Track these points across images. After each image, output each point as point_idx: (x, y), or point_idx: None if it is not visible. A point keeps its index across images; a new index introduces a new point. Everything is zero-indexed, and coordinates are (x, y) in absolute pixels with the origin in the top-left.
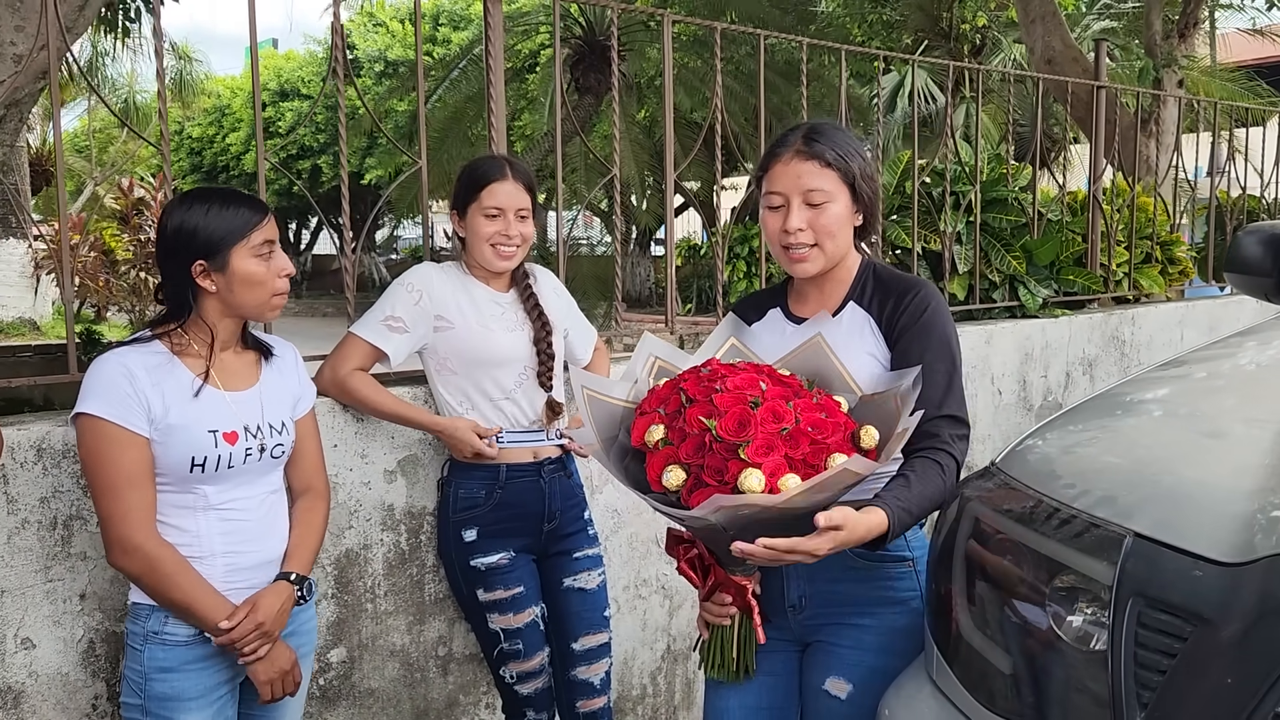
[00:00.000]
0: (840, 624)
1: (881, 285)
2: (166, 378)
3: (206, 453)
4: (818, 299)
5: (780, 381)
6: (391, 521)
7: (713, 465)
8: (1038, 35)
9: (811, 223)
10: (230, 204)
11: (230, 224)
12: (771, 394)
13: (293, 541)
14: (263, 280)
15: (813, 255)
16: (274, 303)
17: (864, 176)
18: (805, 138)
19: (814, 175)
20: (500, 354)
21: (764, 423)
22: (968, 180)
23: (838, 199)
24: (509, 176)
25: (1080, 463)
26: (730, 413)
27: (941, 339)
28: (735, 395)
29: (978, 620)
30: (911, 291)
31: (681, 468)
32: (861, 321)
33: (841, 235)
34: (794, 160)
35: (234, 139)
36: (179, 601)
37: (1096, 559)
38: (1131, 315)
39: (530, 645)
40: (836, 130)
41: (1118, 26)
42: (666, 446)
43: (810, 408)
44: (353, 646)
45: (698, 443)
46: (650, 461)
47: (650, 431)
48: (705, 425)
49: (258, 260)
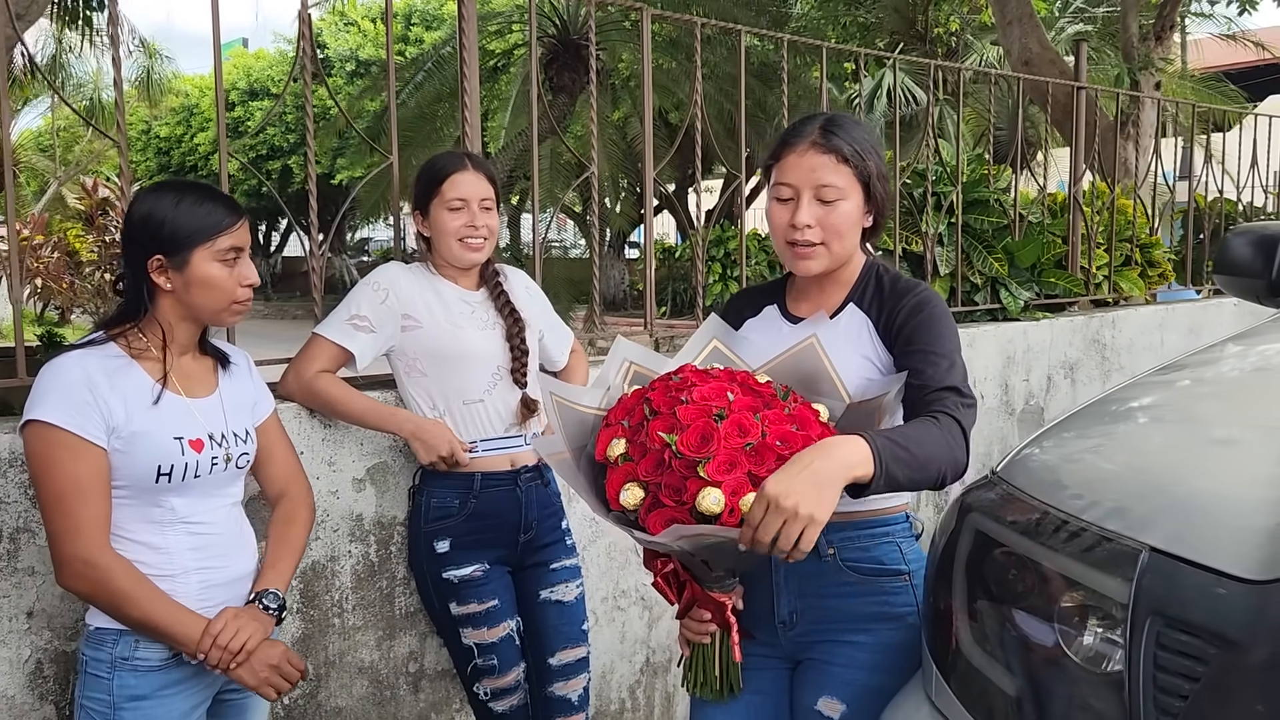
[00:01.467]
0: (833, 641)
1: (883, 288)
2: (126, 382)
3: (174, 461)
4: (817, 298)
5: (752, 390)
6: (360, 532)
7: (670, 484)
8: (1014, 37)
9: (821, 220)
10: (203, 201)
11: (198, 222)
12: (739, 405)
13: (271, 554)
14: (222, 286)
15: (818, 254)
16: (234, 309)
17: (880, 176)
18: (823, 129)
19: (829, 170)
20: (471, 352)
21: (728, 437)
22: (949, 181)
23: (851, 197)
24: (469, 167)
25: (1086, 472)
26: (693, 426)
27: (944, 334)
28: (700, 407)
29: (979, 637)
30: (913, 292)
31: (640, 485)
32: (860, 324)
33: (850, 236)
34: (809, 152)
35: (202, 139)
36: (139, 620)
37: (1110, 575)
38: (1112, 318)
39: (505, 661)
40: (856, 124)
41: (1091, 30)
42: (626, 462)
43: (780, 419)
44: (319, 664)
45: (657, 459)
46: (610, 478)
47: (612, 445)
48: (665, 440)
49: (221, 265)
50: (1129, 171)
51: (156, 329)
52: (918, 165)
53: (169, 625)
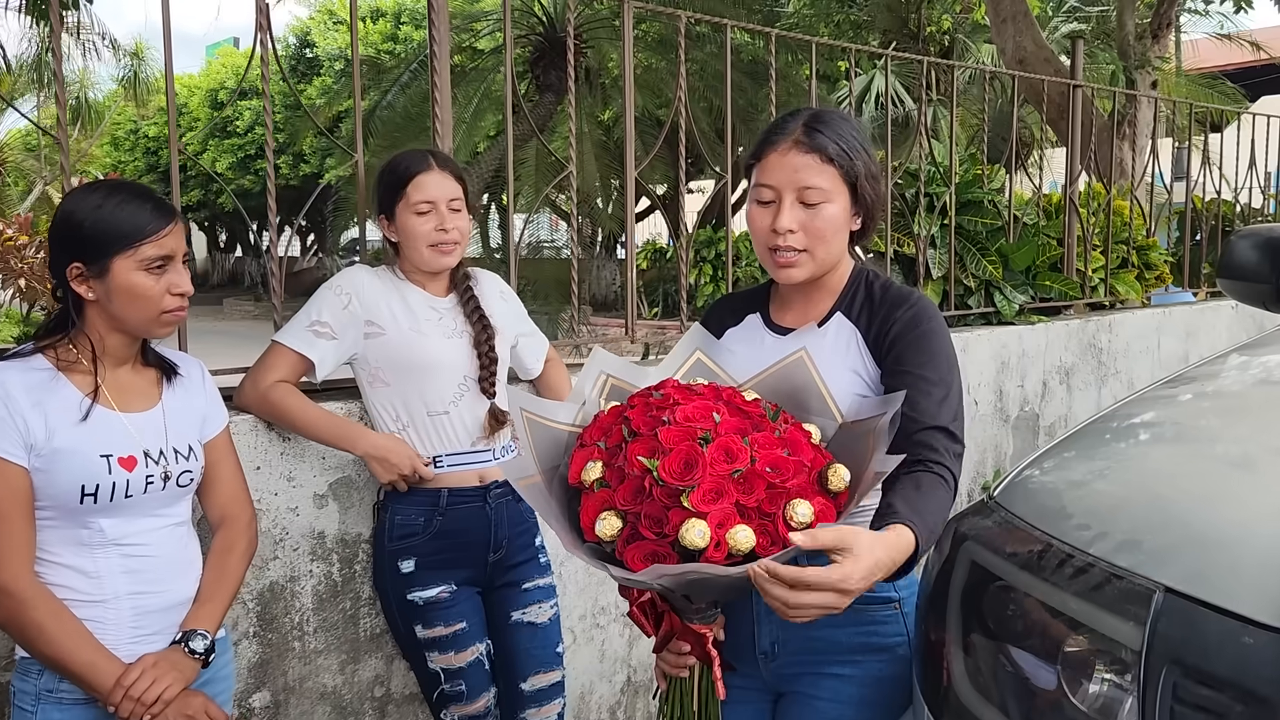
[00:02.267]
0: (817, 673)
1: (873, 297)
2: (49, 397)
3: (99, 480)
4: (802, 307)
5: (739, 410)
6: (322, 550)
7: (651, 514)
8: (1009, 36)
9: (804, 224)
10: (127, 204)
11: (119, 228)
12: (726, 427)
13: (203, 589)
14: (147, 295)
15: (801, 261)
16: (163, 319)
17: (868, 177)
18: (806, 126)
19: (812, 171)
20: (436, 362)
21: (714, 463)
22: (942, 182)
23: (836, 200)
24: (434, 166)
25: (1093, 498)
26: (676, 451)
27: (939, 353)
28: (683, 429)
29: (973, 675)
30: (906, 304)
31: (617, 515)
32: (848, 335)
33: (836, 241)
34: (791, 151)
35: (190, 138)
36: (51, 658)
37: (1120, 618)
38: (1109, 322)
39: (474, 686)
40: (842, 121)
41: (1086, 30)
42: (602, 488)
43: (770, 443)
44: (278, 690)
45: (636, 486)
46: (585, 504)
47: (587, 469)
48: (646, 466)
49: (145, 274)
50: (1125, 172)
51: (86, 340)
52: (909, 165)
53: (81, 669)
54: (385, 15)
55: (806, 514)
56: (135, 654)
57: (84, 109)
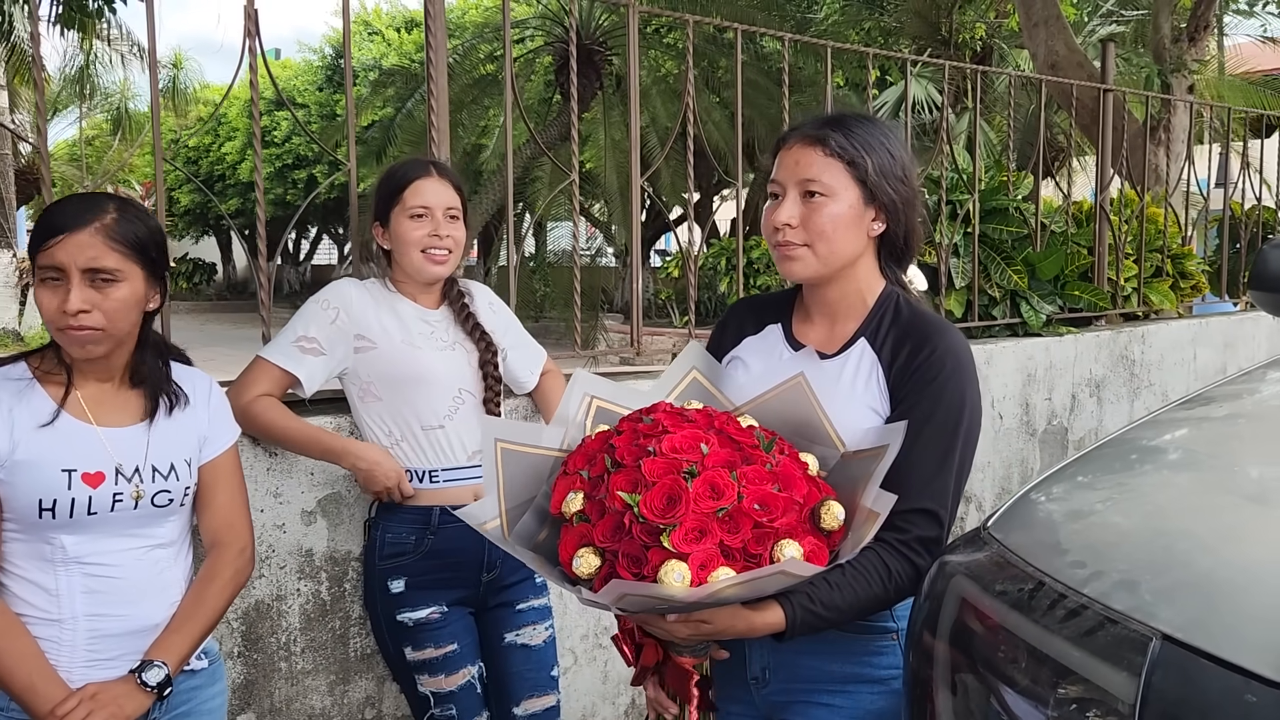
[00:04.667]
0: (808, 702)
1: (900, 325)
2: (19, 405)
3: (57, 495)
4: (825, 324)
5: (730, 440)
6: (310, 569)
7: (630, 553)
8: (1040, 40)
9: (804, 219)
10: (52, 210)
11: (37, 235)
12: (713, 459)
13: (175, 618)
14: (42, 309)
15: (801, 256)
16: (61, 338)
17: (883, 174)
18: (819, 123)
19: (814, 164)
20: (429, 375)
21: (698, 499)
22: (965, 189)
23: (839, 196)
24: (433, 174)
25: (1091, 532)
26: (659, 485)
27: (948, 410)
28: (669, 461)
29: (960, 715)
30: (930, 343)
31: (595, 552)
32: (869, 366)
33: (840, 239)
34: (797, 145)
35: (229, 148)
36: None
37: (1113, 666)
38: (1141, 333)
39: (465, 710)
40: (861, 120)
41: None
42: (583, 522)
43: (760, 477)
44: (263, 711)
45: (616, 522)
46: (564, 538)
47: (568, 500)
48: (627, 501)
49: (41, 286)
50: (1160, 178)
51: (60, 350)
52: (931, 172)
53: (19, 690)
54: (420, 25)
55: (795, 556)
56: (90, 678)
57: (125, 119)
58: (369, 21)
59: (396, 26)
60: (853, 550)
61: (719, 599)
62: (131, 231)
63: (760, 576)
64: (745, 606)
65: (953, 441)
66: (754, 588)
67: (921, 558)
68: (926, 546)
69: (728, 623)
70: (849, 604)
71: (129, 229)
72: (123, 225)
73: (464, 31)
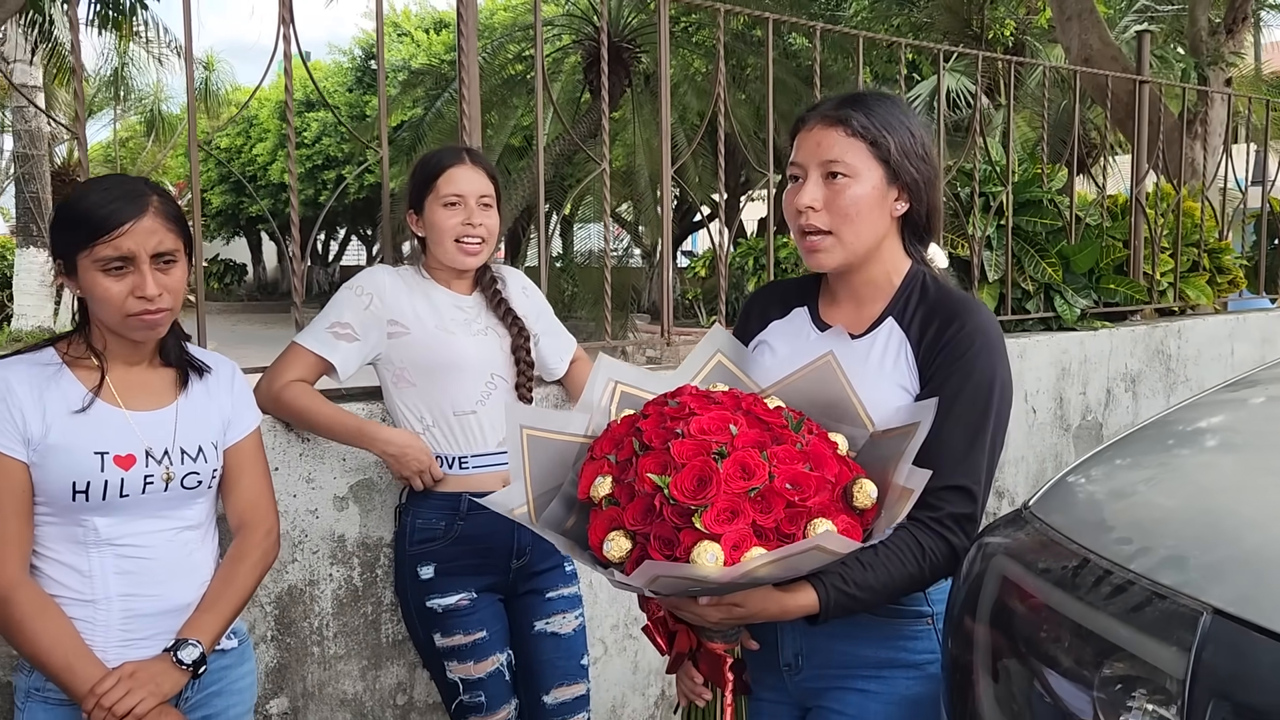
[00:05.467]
0: (843, 688)
1: (928, 303)
2: (50, 390)
3: (90, 477)
4: (852, 306)
5: (759, 421)
6: (342, 554)
7: (661, 535)
8: (1074, 34)
9: (827, 202)
10: (90, 201)
11: (76, 226)
12: (743, 440)
13: (206, 597)
14: (106, 298)
15: (827, 245)
16: (129, 323)
17: (905, 153)
18: (838, 102)
19: (835, 144)
20: (462, 361)
21: (729, 480)
22: (998, 181)
23: (863, 177)
24: (467, 162)
25: (1136, 510)
26: (688, 467)
27: (978, 387)
28: (698, 443)
29: (1002, 699)
30: (959, 320)
31: (626, 535)
32: (898, 345)
33: (866, 223)
34: (817, 127)
35: (261, 149)
36: (31, 656)
37: (1162, 642)
38: (1178, 328)
39: (494, 698)
40: (881, 99)
41: (1159, 29)
42: (612, 506)
43: (791, 457)
44: (296, 695)
45: (646, 505)
46: (594, 522)
47: (596, 484)
48: (656, 484)
49: (103, 275)
50: (1196, 172)
51: (96, 335)
52: (964, 164)
53: (58, 670)
54: (449, 26)
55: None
56: (124, 657)
57: (158, 121)
58: (398, 23)
59: (425, 28)
60: (887, 528)
61: (753, 578)
62: (176, 212)
63: (794, 553)
64: (777, 588)
65: (984, 418)
66: (788, 565)
67: (956, 535)
68: (960, 524)
69: (760, 605)
70: (883, 584)
71: (174, 209)
72: (169, 207)
73: (492, 32)
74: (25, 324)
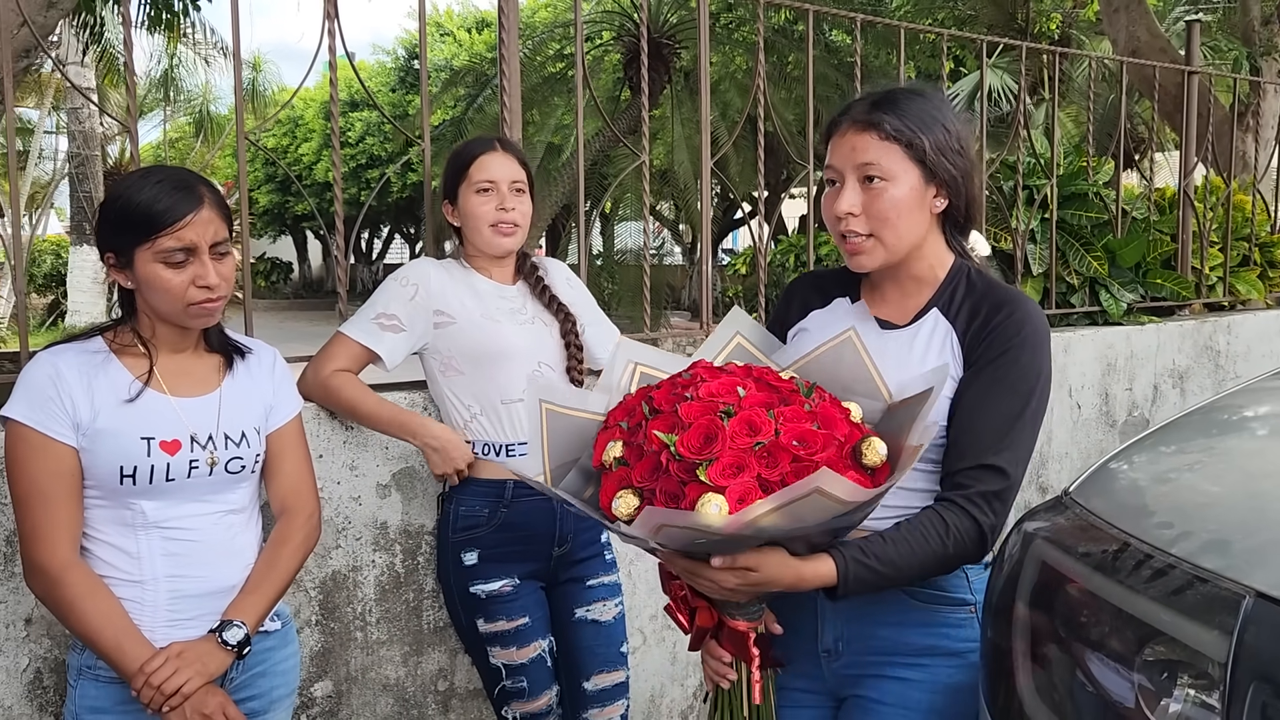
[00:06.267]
0: (882, 676)
1: (973, 295)
2: (99, 378)
3: (137, 462)
4: (897, 298)
5: (769, 386)
6: (385, 541)
7: (667, 489)
8: (1121, 25)
9: (866, 206)
10: (148, 194)
11: (136, 220)
12: (750, 401)
13: (250, 579)
14: (168, 289)
15: (868, 247)
16: (190, 312)
17: (941, 150)
18: (870, 104)
19: (870, 148)
20: (509, 349)
21: (735, 436)
22: (1043, 174)
23: (900, 180)
24: (497, 149)
25: (1179, 495)
26: (695, 425)
27: (1022, 374)
28: (705, 404)
29: (1042, 686)
30: (1005, 309)
31: (634, 492)
32: (944, 335)
33: (905, 224)
34: (850, 130)
35: (306, 149)
36: (82, 635)
37: (1203, 625)
38: (1227, 323)
39: (536, 683)
40: (914, 96)
41: (1210, 21)
42: (621, 467)
43: (798, 416)
44: (340, 679)
45: (654, 463)
46: (604, 484)
47: (608, 449)
48: (663, 441)
49: (164, 266)
50: (1248, 166)
51: (144, 324)
52: (1007, 157)
53: (108, 649)
54: (490, 26)
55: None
56: (171, 638)
57: (206, 121)
58: (440, 23)
59: (467, 27)
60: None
61: (757, 529)
62: (224, 202)
63: (795, 497)
64: (794, 556)
65: (1023, 405)
66: (792, 514)
67: (984, 513)
68: (988, 501)
69: (776, 571)
70: (904, 558)
71: (222, 200)
72: (218, 197)
73: (533, 30)
74: (79, 319)
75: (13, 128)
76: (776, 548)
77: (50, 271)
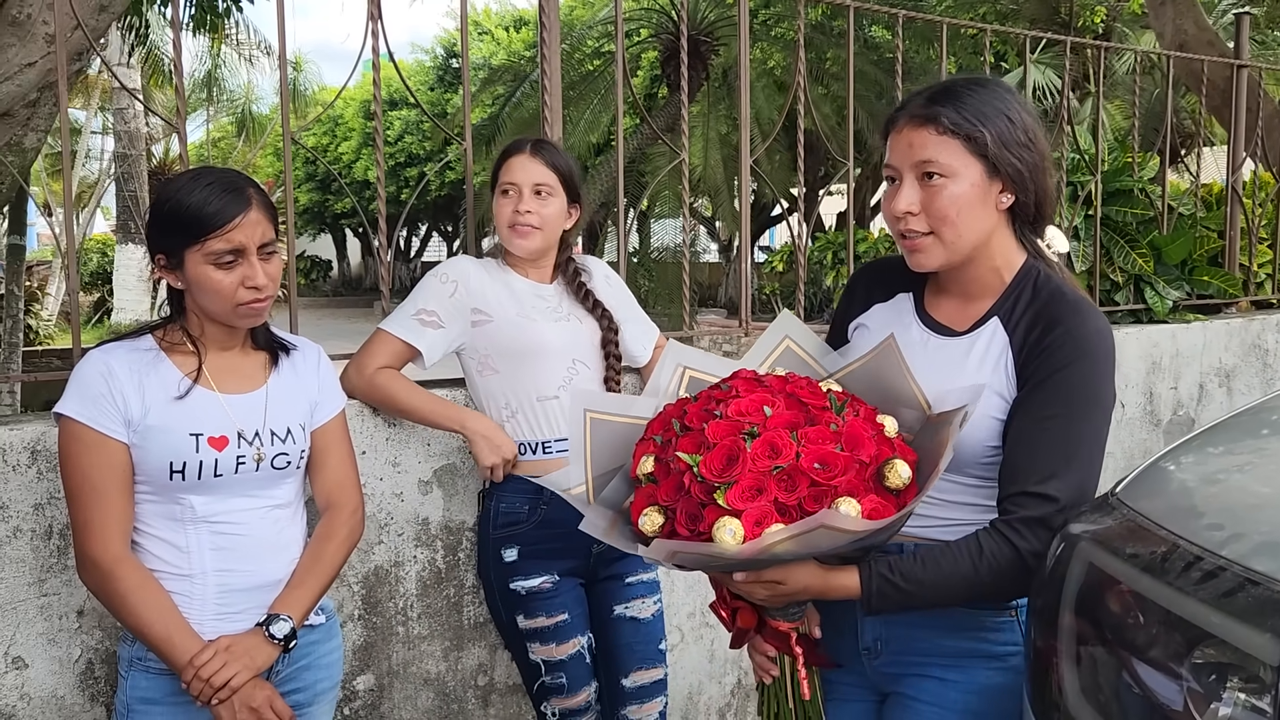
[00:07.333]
0: (922, 676)
1: (1036, 306)
2: (149, 375)
3: (186, 458)
4: (960, 300)
5: (799, 403)
6: (427, 537)
7: (688, 510)
8: (1168, 18)
9: (925, 204)
10: (197, 197)
11: (185, 222)
12: (776, 421)
13: (296, 574)
14: (217, 290)
15: (927, 246)
16: (239, 312)
17: (1005, 143)
18: (928, 98)
19: (928, 144)
20: (544, 346)
21: (756, 459)
22: (1087, 170)
23: (960, 176)
24: (525, 151)
25: (1229, 496)
26: (719, 446)
27: (1075, 394)
28: (732, 424)
29: (1088, 689)
30: (1063, 325)
31: (659, 511)
32: (1000, 349)
33: (966, 222)
34: (907, 126)
35: (346, 148)
36: (134, 628)
37: (1254, 628)
38: (1276, 321)
39: (575, 679)
40: (973, 88)
41: (1259, 13)
42: (650, 483)
43: (823, 437)
44: (382, 673)
45: (677, 483)
46: (636, 499)
47: (641, 463)
48: (687, 462)
49: (213, 268)
50: None
51: (193, 323)
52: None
53: (158, 642)
54: (528, 24)
55: (850, 514)
56: (219, 631)
57: (248, 121)
58: (479, 22)
59: (505, 25)
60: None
61: (772, 555)
62: (270, 203)
63: (803, 530)
64: (822, 566)
65: (1078, 428)
66: (805, 542)
67: (1023, 538)
68: (1030, 527)
69: (804, 582)
70: (932, 579)
71: (268, 200)
72: (264, 198)
73: (571, 28)
74: (124, 317)
75: (67, 129)
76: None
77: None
